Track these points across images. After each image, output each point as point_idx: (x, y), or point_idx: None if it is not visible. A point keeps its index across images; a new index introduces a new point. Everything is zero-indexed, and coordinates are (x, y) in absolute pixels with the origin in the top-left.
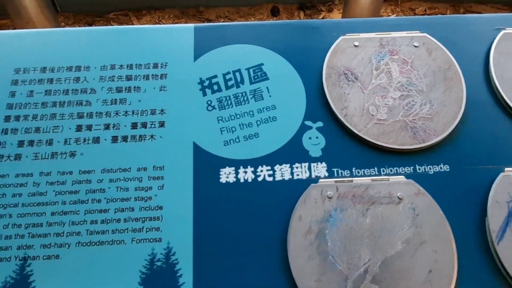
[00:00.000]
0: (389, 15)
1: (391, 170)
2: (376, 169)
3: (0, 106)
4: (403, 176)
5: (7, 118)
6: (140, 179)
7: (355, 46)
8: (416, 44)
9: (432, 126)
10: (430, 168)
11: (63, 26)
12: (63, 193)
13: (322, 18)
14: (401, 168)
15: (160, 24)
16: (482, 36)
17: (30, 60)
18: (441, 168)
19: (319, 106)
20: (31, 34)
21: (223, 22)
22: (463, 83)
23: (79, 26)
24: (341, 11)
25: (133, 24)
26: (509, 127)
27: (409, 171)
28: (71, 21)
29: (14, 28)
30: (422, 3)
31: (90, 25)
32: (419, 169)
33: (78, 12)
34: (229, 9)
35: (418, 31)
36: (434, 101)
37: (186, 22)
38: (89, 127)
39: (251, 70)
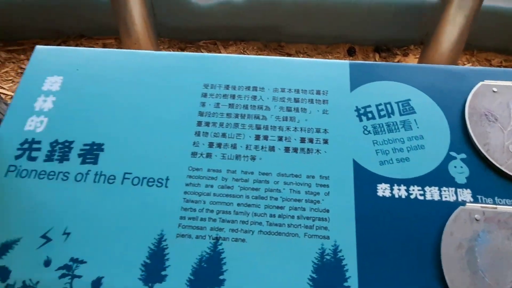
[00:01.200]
0: (464, 64)
1: None
2: None
3: (193, 113)
4: None
5: (199, 123)
6: (309, 184)
7: (494, 91)
8: None
9: None
10: None
11: (160, 50)
12: (246, 188)
13: (398, 61)
14: None
15: (245, 54)
16: None
17: (216, 78)
18: None
19: (462, 140)
20: (219, 58)
21: (302, 57)
22: None
23: (172, 51)
24: (417, 57)
25: (220, 52)
26: None
27: None
28: (166, 45)
29: (119, 47)
30: (497, 55)
31: (183, 50)
32: None
33: (172, 37)
34: (308, 46)
35: None
36: None
37: (268, 55)
38: (265, 137)
39: (400, 104)
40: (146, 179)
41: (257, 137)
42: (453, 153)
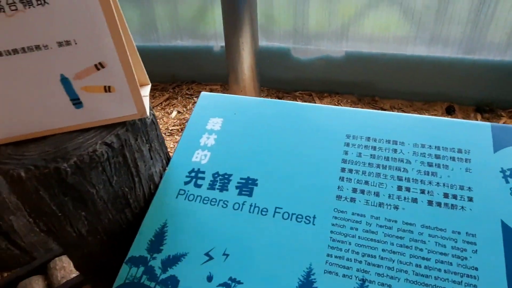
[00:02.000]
0: None
1: None
2: None
3: (337, 159)
4: None
5: (342, 169)
6: (455, 240)
7: None
8: None
9: None
10: None
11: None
12: (390, 236)
13: (503, 123)
14: None
15: (339, 106)
16: None
17: (358, 130)
18: None
19: None
20: (360, 112)
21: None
22: None
23: (271, 98)
24: None
25: (315, 102)
26: None
27: None
28: (265, 93)
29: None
30: None
31: (280, 99)
32: None
33: (271, 87)
34: (403, 102)
35: None
36: None
37: (361, 108)
38: (407, 189)
39: None
40: (295, 215)
41: (399, 188)
42: None
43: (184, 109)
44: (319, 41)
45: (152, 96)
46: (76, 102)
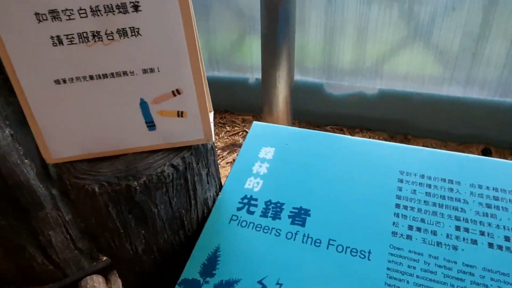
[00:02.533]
0: None
1: None
2: None
3: (391, 195)
4: None
5: (397, 205)
6: None
7: None
8: None
9: None
10: None
11: None
12: (450, 277)
13: None
14: None
15: None
16: None
17: (412, 167)
18: None
19: None
20: (413, 149)
21: None
22: None
23: None
24: None
25: None
26: None
27: None
28: (296, 126)
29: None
30: None
31: None
32: None
33: (302, 120)
34: (437, 141)
35: None
36: None
37: None
38: (466, 229)
39: None
40: (349, 248)
41: (458, 228)
42: None
43: (217, 137)
44: (353, 78)
45: None
46: (150, 124)
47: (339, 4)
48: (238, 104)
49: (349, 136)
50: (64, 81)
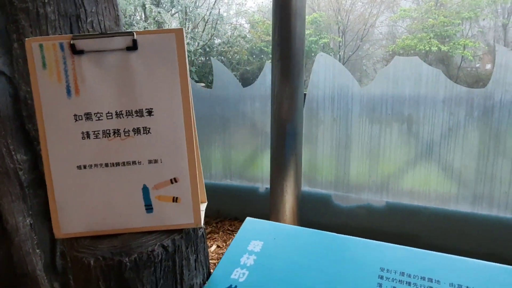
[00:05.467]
0: None
1: None
2: None
3: None
4: None
5: None
6: None
7: None
8: None
9: None
10: None
11: None
12: None
13: None
14: None
15: None
16: None
17: (392, 264)
18: None
19: None
20: (393, 248)
21: None
22: None
23: None
24: None
25: None
26: None
27: None
28: None
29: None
30: None
31: None
32: None
33: None
34: None
35: None
36: None
37: None
38: None
39: None
40: None
41: None
42: None
43: (224, 244)
44: (360, 191)
45: None
46: (149, 207)
47: (343, 123)
48: (248, 212)
49: (334, 233)
50: (85, 167)
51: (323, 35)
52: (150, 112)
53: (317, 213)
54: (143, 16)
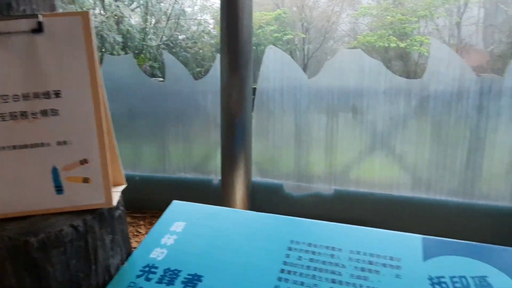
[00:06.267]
0: None
1: None
2: None
3: (279, 261)
4: None
5: (282, 270)
6: None
7: None
8: None
9: None
10: None
11: None
12: None
13: None
14: None
15: None
16: None
17: (301, 237)
18: None
19: None
20: (305, 222)
21: None
22: None
23: None
24: None
25: None
26: None
27: None
28: None
29: None
30: None
31: None
32: None
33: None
34: None
35: None
36: None
37: None
38: None
39: (476, 279)
40: None
41: None
42: None
43: None
44: (310, 179)
45: (149, 222)
46: (59, 189)
47: (292, 114)
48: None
49: (254, 212)
50: None
51: (287, 31)
52: (57, 94)
53: (269, 202)
54: (102, 11)
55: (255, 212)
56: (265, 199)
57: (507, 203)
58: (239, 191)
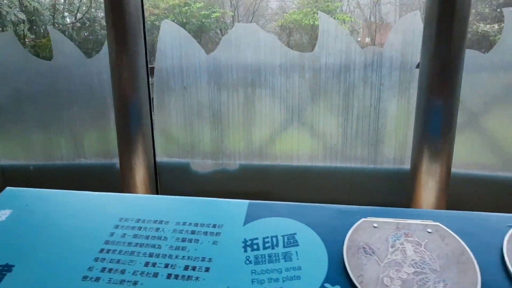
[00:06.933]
0: None
1: None
2: None
3: (100, 242)
4: None
5: (101, 250)
6: None
7: (374, 227)
8: (429, 230)
9: None
10: None
11: None
12: None
13: None
14: None
15: None
16: (494, 230)
17: (132, 213)
18: None
19: (338, 272)
20: (135, 198)
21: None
22: (476, 267)
23: None
24: None
25: None
26: None
27: None
28: None
29: None
30: None
31: None
32: None
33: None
34: None
35: (431, 221)
36: (448, 280)
37: None
38: (153, 264)
39: (285, 237)
40: None
41: (146, 264)
42: (327, 285)
43: None
44: (215, 156)
45: None
46: None
47: (193, 90)
48: (105, 189)
49: (91, 192)
50: None
51: (216, 9)
52: None
53: (176, 182)
54: None
55: (91, 193)
56: (172, 179)
57: (391, 166)
58: (139, 174)
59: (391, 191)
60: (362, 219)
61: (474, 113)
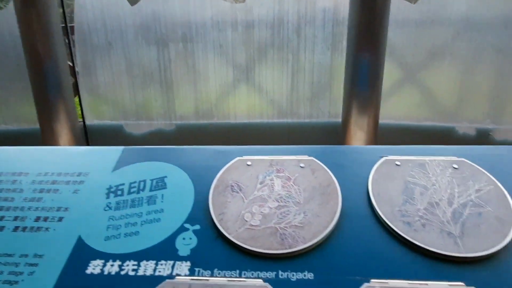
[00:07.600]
0: None
1: (252, 274)
2: (238, 271)
3: None
4: (261, 280)
5: None
6: (18, 264)
7: (248, 165)
8: (302, 165)
9: (302, 234)
10: (293, 275)
11: None
12: None
13: None
14: (263, 272)
15: None
16: (366, 162)
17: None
18: (304, 275)
19: (202, 212)
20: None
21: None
22: (339, 197)
23: None
24: None
25: None
26: (380, 240)
27: (271, 276)
28: None
29: None
30: None
31: None
32: (282, 275)
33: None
34: None
35: (306, 155)
36: (308, 212)
37: None
38: (1, 218)
39: (154, 181)
40: None
41: None
42: (187, 225)
43: None
44: (150, 116)
45: None
46: None
47: (119, 47)
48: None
49: None
50: None
51: None
52: None
53: (110, 145)
54: None
55: None
56: (105, 142)
57: (326, 119)
58: (64, 139)
59: (325, 144)
60: (237, 158)
61: (408, 66)
